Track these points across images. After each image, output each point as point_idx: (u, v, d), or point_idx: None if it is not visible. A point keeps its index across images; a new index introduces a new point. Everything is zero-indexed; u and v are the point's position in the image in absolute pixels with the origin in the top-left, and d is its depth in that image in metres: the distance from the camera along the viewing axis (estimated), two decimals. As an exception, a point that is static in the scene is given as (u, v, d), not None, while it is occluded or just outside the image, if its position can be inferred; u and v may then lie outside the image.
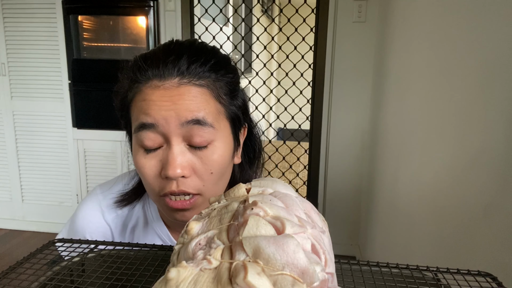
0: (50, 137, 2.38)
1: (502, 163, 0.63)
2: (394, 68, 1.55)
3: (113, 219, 0.66)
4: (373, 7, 2.01)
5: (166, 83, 0.51)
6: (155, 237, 0.68)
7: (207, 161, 0.53)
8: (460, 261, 0.77)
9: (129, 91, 0.55)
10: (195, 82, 0.52)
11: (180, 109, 0.50)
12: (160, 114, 0.50)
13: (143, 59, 0.54)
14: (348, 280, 0.45)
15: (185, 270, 0.29)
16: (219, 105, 0.54)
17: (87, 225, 0.66)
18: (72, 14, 2.17)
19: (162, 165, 0.53)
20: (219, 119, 0.54)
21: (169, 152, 0.52)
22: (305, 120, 2.24)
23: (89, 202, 0.67)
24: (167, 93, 0.51)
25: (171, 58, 0.52)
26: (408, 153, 1.25)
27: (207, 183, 0.55)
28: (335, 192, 2.24)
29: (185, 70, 0.52)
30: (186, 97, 0.51)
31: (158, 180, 0.54)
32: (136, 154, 0.54)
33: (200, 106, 0.51)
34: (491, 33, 0.70)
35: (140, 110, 0.52)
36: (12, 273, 0.44)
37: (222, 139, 0.55)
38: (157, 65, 0.52)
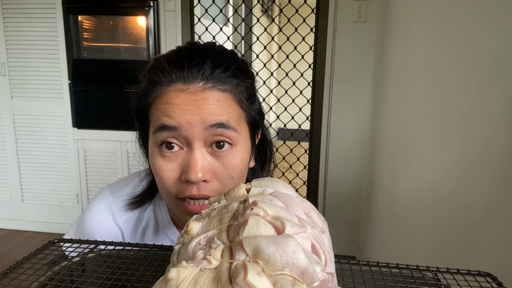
0: (50, 137, 2.38)
1: (502, 164, 0.63)
2: (394, 68, 1.55)
3: (124, 222, 0.65)
4: (373, 7, 2.01)
5: (191, 87, 0.51)
6: (165, 240, 0.67)
7: (228, 166, 0.53)
8: (460, 261, 0.77)
9: (149, 92, 0.54)
10: (218, 87, 0.52)
11: (204, 113, 0.50)
12: (184, 118, 0.50)
13: (166, 60, 0.53)
14: (348, 280, 0.45)
15: (185, 270, 0.29)
16: (240, 110, 0.55)
17: (97, 228, 0.65)
18: (72, 14, 2.17)
19: (183, 169, 0.52)
20: (240, 124, 0.55)
21: (191, 155, 0.52)
22: (305, 120, 2.24)
23: (99, 204, 0.66)
24: (191, 97, 0.51)
25: (195, 62, 0.52)
26: (408, 153, 1.25)
27: (227, 187, 0.54)
28: (335, 192, 2.24)
29: (209, 75, 0.52)
30: (211, 101, 0.51)
31: (177, 183, 0.53)
32: (154, 157, 0.54)
33: (224, 110, 0.52)
34: (492, 32, 0.70)
35: (163, 112, 0.51)
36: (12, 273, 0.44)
37: (242, 143, 0.55)
38: (181, 68, 0.52)
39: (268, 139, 0.67)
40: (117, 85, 2.21)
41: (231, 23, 3.33)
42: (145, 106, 0.55)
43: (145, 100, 0.55)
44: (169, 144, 0.52)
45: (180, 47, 0.57)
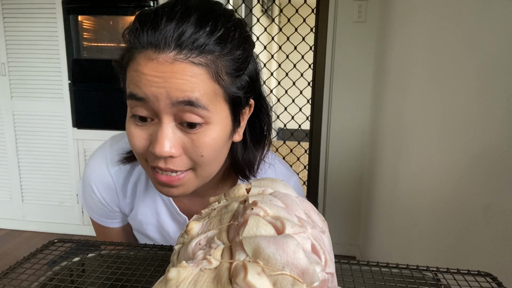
0: (50, 137, 2.38)
1: (502, 163, 0.63)
2: (394, 68, 1.55)
3: (115, 172, 0.67)
4: (373, 7, 2.01)
5: (161, 56, 0.46)
6: (156, 196, 0.68)
7: (198, 144, 0.50)
8: (460, 261, 0.77)
9: (125, 54, 0.51)
10: (192, 59, 0.46)
11: (171, 88, 0.46)
12: (150, 91, 0.47)
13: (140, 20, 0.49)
14: (348, 280, 0.45)
15: (185, 270, 0.29)
16: (217, 86, 0.49)
17: (93, 175, 0.67)
18: (72, 14, 2.17)
19: (151, 140, 0.50)
20: (215, 101, 0.49)
21: (159, 129, 0.49)
22: (305, 120, 2.24)
23: (98, 153, 0.68)
24: (159, 68, 0.46)
25: (171, 24, 0.46)
26: (408, 153, 1.25)
27: (197, 164, 0.52)
28: (335, 192, 2.24)
29: (185, 40, 0.46)
30: (180, 75, 0.46)
31: (147, 151, 0.51)
32: (128, 121, 0.52)
33: (194, 87, 0.47)
34: (492, 32, 0.70)
35: (132, 80, 0.49)
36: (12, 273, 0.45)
37: (217, 122, 0.50)
38: (154, 30, 0.47)
39: (265, 112, 0.61)
40: (117, 85, 2.20)
41: (231, 23, 3.32)
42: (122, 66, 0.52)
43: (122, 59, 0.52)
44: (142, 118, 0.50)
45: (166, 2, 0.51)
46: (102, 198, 0.68)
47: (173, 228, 0.69)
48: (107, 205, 0.69)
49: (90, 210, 0.72)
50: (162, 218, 0.69)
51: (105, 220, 0.73)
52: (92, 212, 0.72)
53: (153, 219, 0.69)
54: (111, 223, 0.73)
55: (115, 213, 0.72)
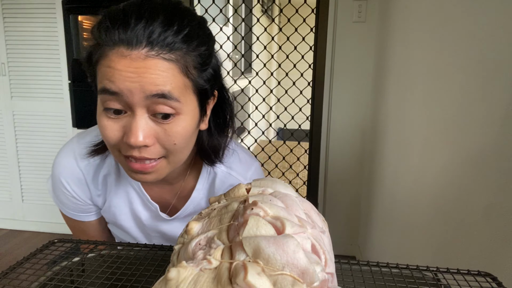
0: (50, 137, 2.38)
1: (502, 163, 0.63)
2: (394, 68, 1.55)
3: (85, 166, 0.68)
4: (373, 7, 2.01)
5: (133, 53, 0.49)
6: (127, 186, 0.70)
7: (170, 133, 0.53)
8: (460, 261, 0.77)
9: (94, 50, 0.53)
10: (163, 55, 0.50)
11: (145, 82, 0.49)
12: (125, 85, 0.49)
13: (110, 18, 0.51)
14: (348, 280, 0.45)
15: (185, 270, 0.29)
16: (186, 80, 0.53)
17: (62, 170, 0.68)
18: (72, 14, 2.17)
19: (125, 132, 0.52)
20: (185, 93, 0.53)
21: (133, 121, 0.51)
22: (305, 120, 2.24)
23: (65, 149, 0.69)
24: (133, 64, 0.49)
25: (141, 23, 0.49)
26: (408, 153, 1.25)
27: (170, 152, 0.55)
28: (335, 192, 2.24)
29: (155, 38, 0.49)
30: (153, 71, 0.49)
31: (120, 143, 0.54)
32: (100, 114, 0.54)
33: (166, 81, 0.50)
34: (492, 32, 0.70)
35: (105, 75, 0.50)
36: (12, 273, 0.45)
37: (187, 112, 0.54)
38: (125, 28, 0.49)
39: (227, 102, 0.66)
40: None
41: (231, 23, 3.33)
42: (91, 62, 0.54)
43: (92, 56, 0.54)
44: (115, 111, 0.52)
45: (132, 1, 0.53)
46: (73, 192, 0.69)
47: (145, 216, 0.72)
48: (80, 198, 0.71)
49: (63, 206, 0.73)
50: (134, 207, 0.71)
51: (79, 215, 0.74)
52: (66, 208, 0.73)
53: (126, 208, 0.72)
54: (86, 216, 0.74)
55: (88, 207, 0.73)
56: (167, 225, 0.72)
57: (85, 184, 0.69)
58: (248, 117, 2.67)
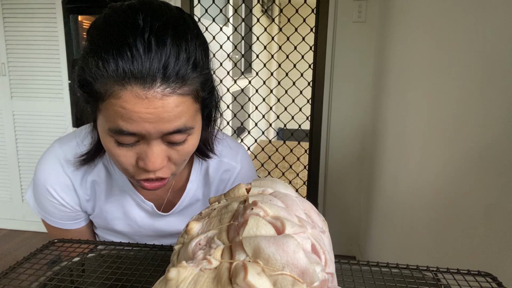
0: (50, 137, 2.38)
1: (502, 163, 0.63)
2: (394, 68, 1.55)
3: (72, 172, 0.67)
4: (373, 7, 2.01)
5: (150, 93, 0.46)
6: (120, 191, 0.69)
7: (183, 153, 0.54)
8: (460, 261, 0.77)
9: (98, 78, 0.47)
10: (179, 91, 0.48)
11: (163, 122, 0.48)
12: (143, 127, 0.48)
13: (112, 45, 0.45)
14: (348, 280, 0.45)
15: (185, 270, 0.29)
16: (197, 105, 0.53)
17: (48, 177, 0.66)
18: (72, 14, 2.17)
19: (139, 157, 0.52)
20: (196, 118, 0.54)
21: (148, 148, 0.51)
22: (305, 120, 2.24)
23: (48, 156, 0.67)
24: (151, 105, 0.46)
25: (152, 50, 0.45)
26: (408, 153, 1.25)
27: (180, 167, 0.58)
28: (335, 192, 2.24)
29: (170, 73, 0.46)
30: (170, 109, 0.48)
31: (134, 167, 0.54)
32: (109, 142, 0.52)
33: (182, 115, 0.49)
34: (492, 32, 0.70)
35: (119, 116, 0.47)
36: (12, 273, 0.44)
37: (196, 131, 0.55)
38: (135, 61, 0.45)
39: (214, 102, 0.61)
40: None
41: (231, 23, 3.33)
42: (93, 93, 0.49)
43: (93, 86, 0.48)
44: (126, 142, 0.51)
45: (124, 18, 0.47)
46: (61, 199, 0.67)
47: (140, 216, 0.71)
48: (69, 206, 0.68)
49: (50, 216, 0.70)
50: (128, 210, 0.70)
51: (67, 223, 0.71)
52: (52, 218, 0.70)
53: (119, 212, 0.71)
54: (74, 224, 0.72)
55: (77, 213, 0.71)
56: (164, 221, 0.72)
57: (73, 190, 0.68)
58: (248, 117, 2.67)
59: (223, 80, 1.98)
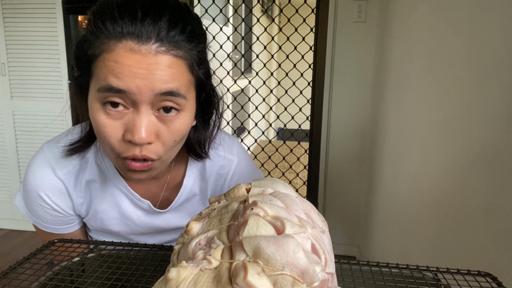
0: (50, 137, 2.36)
1: (502, 163, 0.63)
2: (394, 68, 1.55)
3: (65, 174, 0.65)
4: (373, 7, 2.01)
5: (143, 48, 0.47)
6: (114, 189, 0.68)
7: (173, 130, 0.52)
8: (460, 261, 0.77)
9: (95, 42, 0.49)
10: (172, 51, 0.49)
11: (155, 80, 0.48)
12: (134, 83, 0.47)
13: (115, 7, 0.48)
14: (348, 280, 0.45)
15: (185, 270, 0.29)
16: (191, 76, 0.53)
17: (39, 182, 0.64)
18: (72, 14, 2.17)
19: (126, 128, 0.50)
20: (189, 89, 0.53)
21: (136, 117, 0.50)
22: (305, 120, 2.24)
23: (38, 160, 0.65)
24: (144, 59, 0.47)
25: (150, 17, 0.48)
26: (408, 153, 1.25)
27: (168, 149, 0.54)
28: (335, 192, 2.24)
29: (164, 36, 0.48)
30: (163, 67, 0.48)
31: (120, 142, 0.52)
32: (97, 112, 0.51)
33: (175, 77, 0.49)
34: (491, 32, 0.70)
35: (110, 71, 0.47)
36: (12, 273, 0.45)
37: (189, 109, 0.54)
38: (133, 21, 0.47)
39: (215, 99, 0.64)
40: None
41: (231, 23, 3.33)
42: (89, 55, 0.50)
43: (90, 48, 0.50)
44: (114, 103, 0.49)
45: None
46: (54, 204, 0.66)
47: (137, 215, 0.70)
48: (62, 210, 0.67)
49: (41, 221, 0.68)
50: (124, 209, 0.69)
51: (59, 227, 0.69)
52: (44, 223, 0.68)
53: (114, 212, 0.69)
54: (67, 228, 0.70)
55: (70, 217, 0.69)
56: (161, 218, 0.71)
57: (66, 194, 0.66)
58: (248, 117, 2.67)
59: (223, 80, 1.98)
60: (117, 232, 0.72)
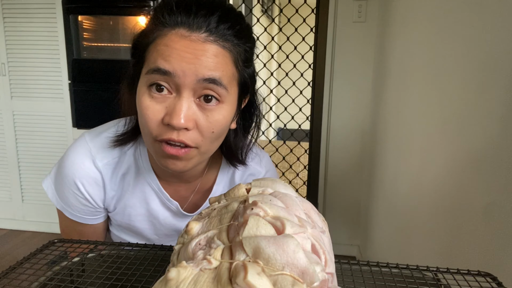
0: (50, 137, 2.38)
1: (502, 163, 0.63)
2: (394, 68, 1.55)
3: (104, 166, 0.66)
4: (373, 7, 2.01)
5: (193, 35, 0.52)
6: (145, 186, 0.69)
7: (212, 120, 0.54)
8: (460, 261, 0.77)
9: (151, 31, 0.55)
10: (220, 42, 0.53)
11: (200, 65, 0.51)
12: (180, 65, 0.51)
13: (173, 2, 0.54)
14: (348, 280, 0.45)
15: (185, 270, 0.29)
16: (235, 70, 0.56)
17: (77, 171, 0.66)
18: (72, 14, 2.16)
19: (167, 112, 0.53)
20: (232, 83, 0.56)
21: (178, 102, 0.52)
22: (305, 120, 2.24)
23: (79, 148, 0.67)
24: (192, 45, 0.51)
25: (202, 12, 0.53)
26: (408, 153, 1.25)
27: (206, 139, 0.56)
28: (335, 192, 2.24)
29: (213, 28, 0.52)
30: (209, 54, 0.52)
31: (159, 125, 0.54)
32: (142, 95, 0.55)
33: (219, 67, 0.53)
34: (491, 32, 0.70)
35: (160, 54, 0.52)
36: (12, 273, 0.45)
37: (229, 102, 0.56)
38: (188, 13, 0.52)
39: (256, 106, 0.68)
40: (117, 85, 2.19)
41: (231, 23, 3.32)
42: (144, 43, 0.55)
43: (146, 37, 0.55)
44: (159, 86, 0.53)
45: None
46: (87, 193, 0.67)
47: (164, 215, 0.71)
48: (92, 201, 0.68)
49: (69, 209, 0.69)
50: (152, 207, 0.70)
51: (86, 217, 0.71)
52: (72, 211, 0.70)
53: (142, 209, 0.70)
54: (92, 219, 0.72)
55: (98, 209, 0.71)
56: (186, 221, 0.72)
57: (101, 186, 0.67)
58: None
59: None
60: (141, 230, 0.73)
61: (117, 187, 0.69)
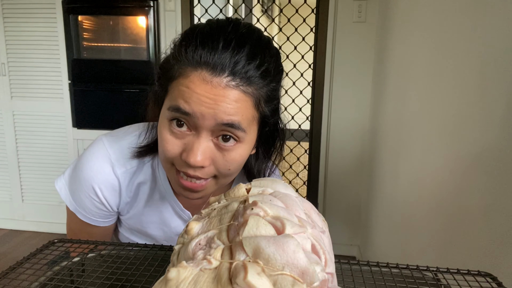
0: (50, 137, 2.38)
1: (502, 163, 0.63)
2: (394, 68, 1.55)
3: (122, 173, 0.67)
4: (373, 7, 2.01)
5: (215, 79, 0.50)
6: (161, 196, 0.69)
7: (228, 159, 0.55)
8: (460, 261, 0.77)
9: (175, 65, 0.54)
10: (242, 87, 0.52)
11: (220, 111, 0.51)
12: (200, 109, 0.50)
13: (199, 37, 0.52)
14: (348, 280, 0.45)
15: (185, 270, 0.29)
16: (255, 113, 0.55)
17: (96, 175, 0.66)
18: (72, 14, 2.17)
19: (185, 149, 0.54)
20: (251, 125, 0.55)
21: (196, 140, 0.53)
22: (305, 120, 2.24)
23: (98, 153, 0.66)
24: (213, 90, 0.50)
25: (229, 51, 0.51)
26: (408, 153, 1.25)
27: (222, 175, 0.57)
28: (335, 192, 2.24)
29: (239, 69, 0.51)
30: (229, 100, 0.51)
31: (177, 158, 0.55)
32: (163, 127, 0.55)
33: (239, 112, 0.52)
34: (491, 32, 0.70)
35: (181, 95, 0.52)
36: (12, 273, 0.44)
37: (248, 141, 0.56)
38: (212, 52, 0.51)
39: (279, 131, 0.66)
40: (117, 85, 2.21)
41: (231, 23, 3.31)
42: (168, 76, 0.55)
43: (170, 70, 0.55)
44: (180, 122, 0.53)
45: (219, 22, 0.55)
46: (104, 199, 0.67)
47: (175, 224, 0.72)
48: (108, 206, 0.68)
49: (82, 211, 0.69)
50: (165, 216, 0.71)
51: (98, 220, 0.71)
52: (85, 213, 0.69)
53: (156, 217, 0.71)
54: (103, 222, 0.72)
55: (111, 213, 0.71)
56: None
57: (118, 192, 0.68)
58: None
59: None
60: (152, 235, 0.73)
61: (132, 194, 0.69)
